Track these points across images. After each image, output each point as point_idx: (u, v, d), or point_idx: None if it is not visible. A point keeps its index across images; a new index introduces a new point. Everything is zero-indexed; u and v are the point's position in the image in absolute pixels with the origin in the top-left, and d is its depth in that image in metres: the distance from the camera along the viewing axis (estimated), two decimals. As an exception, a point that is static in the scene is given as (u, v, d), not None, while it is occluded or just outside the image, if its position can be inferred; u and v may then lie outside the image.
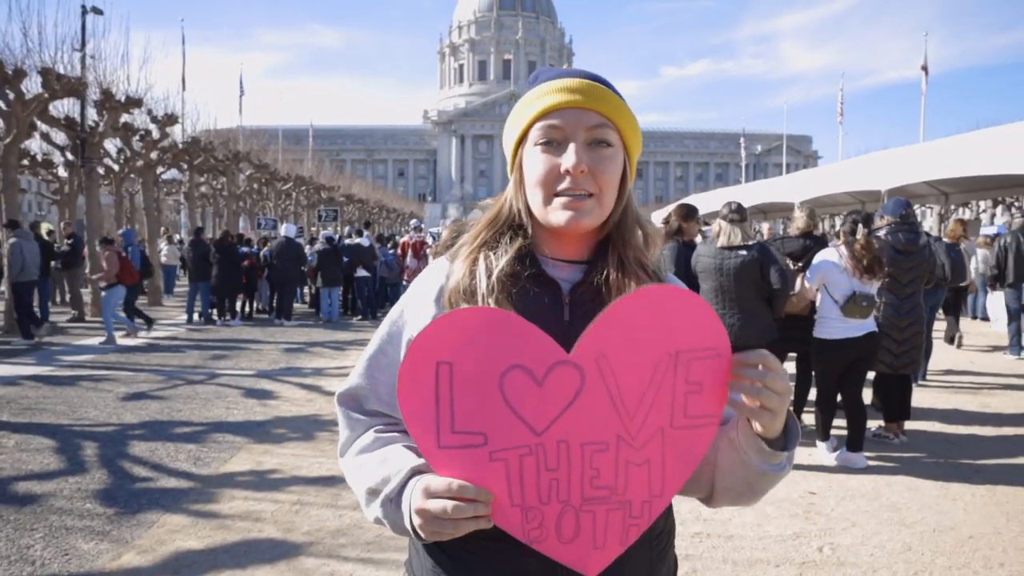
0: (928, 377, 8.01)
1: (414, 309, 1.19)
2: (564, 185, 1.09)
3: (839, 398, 5.33)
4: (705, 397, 1.02)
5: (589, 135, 1.11)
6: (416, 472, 1.05)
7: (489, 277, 1.11)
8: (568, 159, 1.08)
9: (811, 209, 6.63)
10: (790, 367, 6.27)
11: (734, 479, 1.11)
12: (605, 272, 1.13)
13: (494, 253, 1.14)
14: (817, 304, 5.37)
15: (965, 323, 13.38)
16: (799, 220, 6.38)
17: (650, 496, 1.03)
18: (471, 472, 0.99)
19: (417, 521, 1.00)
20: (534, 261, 1.15)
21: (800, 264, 5.86)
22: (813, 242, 6.18)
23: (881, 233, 5.55)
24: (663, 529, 1.20)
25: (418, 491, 1.01)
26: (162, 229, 22.27)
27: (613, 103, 1.13)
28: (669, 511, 1.23)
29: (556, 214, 1.11)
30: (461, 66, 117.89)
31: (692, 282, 5.31)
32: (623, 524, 1.02)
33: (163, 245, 20.15)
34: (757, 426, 1.03)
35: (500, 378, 0.99)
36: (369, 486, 1.11)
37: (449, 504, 0.96)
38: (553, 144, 1.11)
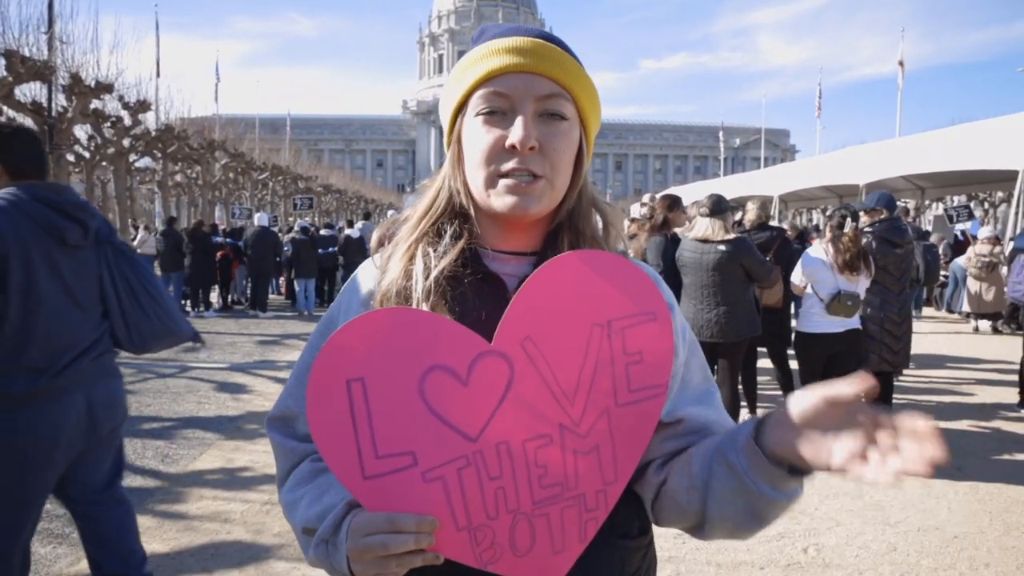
0: (906, 370, 8.01)
1: (346, 316, 1.04)
2: (510, 164, 0.93)
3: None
4: (647, 366, 0.92)
5: (540, 105, 0.95)
6: (354, 506, 0.91)
7: (426, 278, 0.96)
8: (515, 133, 0.92)
9: (762, 202, 6.70)
10: (767, 361, 6.23)
11: (733, 509, 0.91)
12: None
13: (434, 250, 0.99)
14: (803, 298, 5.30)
15: (939, 317, 13.51)
16: (750, 212, 6.45)
17: (604, 484, 0.92)
18: (406, 500, 0.86)
19: (356, 566, 0.86)
20: (475, 256, 0.99)
21: (770, 256, 5.81)
22: (776, 232, 6.31)
23: (869, 229, 5.41)
24: (639, 567, 1.04)
25: (351, 531, 0.87)
26: (139, 219, 21.85)
27: (569, 68, 0.96)
28: (650, 545, 1.07)
29: (499, 199, 0.95)
30: (440, 56, 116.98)
31: (679, 276, 5.22)
32: (579, 520, 0.91)
33: (142, 233, 19.73)
34: (806, 451, 0.79)
35: (420, 384, 0.87)
36: (305, 525, 0.96)
37: (386, 538, 0.83)
38: (497, 114, 0.95)
